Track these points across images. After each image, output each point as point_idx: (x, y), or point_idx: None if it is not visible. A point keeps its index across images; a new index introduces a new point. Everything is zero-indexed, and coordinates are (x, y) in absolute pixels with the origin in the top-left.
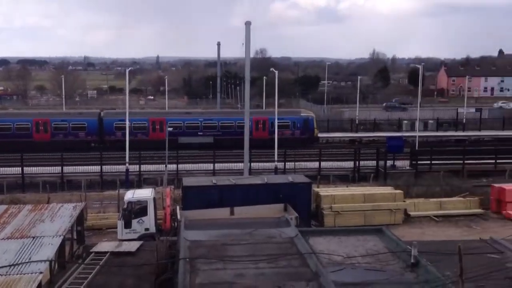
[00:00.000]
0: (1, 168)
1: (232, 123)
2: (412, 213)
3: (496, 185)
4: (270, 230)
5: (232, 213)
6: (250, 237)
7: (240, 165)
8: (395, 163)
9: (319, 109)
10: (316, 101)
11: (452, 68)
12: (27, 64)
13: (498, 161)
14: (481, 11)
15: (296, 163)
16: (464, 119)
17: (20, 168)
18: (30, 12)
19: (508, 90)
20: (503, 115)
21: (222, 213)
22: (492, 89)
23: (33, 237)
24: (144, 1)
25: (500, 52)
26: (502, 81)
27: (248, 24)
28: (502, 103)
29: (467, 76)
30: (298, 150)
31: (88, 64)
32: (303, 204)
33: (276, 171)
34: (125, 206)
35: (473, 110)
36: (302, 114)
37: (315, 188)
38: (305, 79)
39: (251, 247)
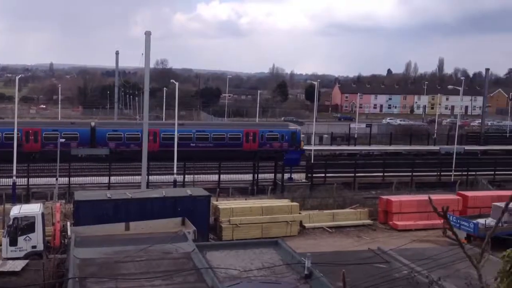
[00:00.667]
0: None
1: (224, 134)
2: (307, 225)
3: (384, 197)
4: (166, 246)
5: (127, 228)
6: (145, 253)
7: (137, 178)
8: (292, 176)
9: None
10: (217, 114)
11: (346, 85)
12: None
13: (385, 174)
14: (372, 33)
15: (196, 176)
16: (356, 134)
17: None
18: None
19: (396, 107)
20: (390, 130)
21: (116, 228)
22: (381, 106)
23: None
24: (36, 6)
25: (389, 71)
26: (390, 98)
27: (148, 34)
28: (390, 119)
29: (358, 93)
30: (197, 163)
31: None
32: (202, 218)
33: (175, 184)
34: (11, 222)
35: (364, 125)
36: (290, 127)
37: (214, 201)
38: (206, 92)
39: (145, 264)
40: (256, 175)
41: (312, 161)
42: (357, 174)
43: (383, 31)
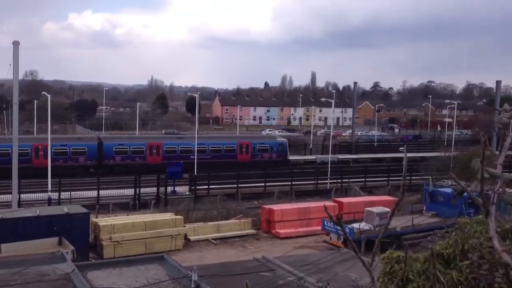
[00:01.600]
0: None
1: (221, 147)
2: (192, 238)
3: (266, 206)
4: (43, 267)
5: None
6: (19, 277)
7: (8, 197)
8: (175, 189)
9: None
10: (94, 127)
11: (225, 97)
12: None
13: (266, 184)
14: (248, 46)
15: (73, 193)
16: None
17: None
18: None
19: (274, 119)
20: None
21: None
22: (260, 118)
23: None
24: None
25: (266, 84)
26: (268, 110)
27: (16, 43)
28: (269, 130)
29: (238, 106)
30: (73, 179)
31: None
32: (80, 236)
33: (49, 202)
34: None
35: None
36: (278, 139)
37: (93, 219)
38: (81, 104)
39: None
40: (137, 189)
41: (195, 173)
42: (239, 185)
43: (258, 45)
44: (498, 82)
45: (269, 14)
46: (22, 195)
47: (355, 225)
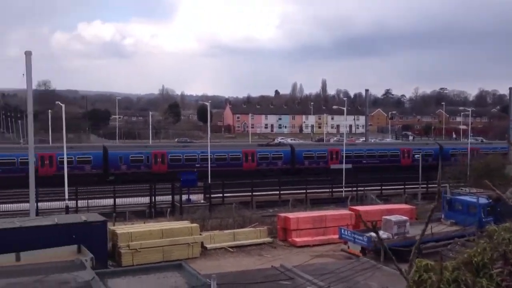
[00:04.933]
0: None
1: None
2: (208, 246)
3: (282, 214)
4: (63, 275)
5: (18, 259)
6: (40, 284)
7: (25, 205)
8: (190, 197)
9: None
10: (108, 136)
11: (236, 106)
12: None
13: (281, 192)
14: (255, 54)
15: (89, 201)
16: None
17: None
18: None
19: (285, 127)
20: None
21: (6, 259)
22: (272, 125)
23: None
24: None
25: (276, 92)
26: (280, 118)
27: (28, 54)
28: (281, 138)
29: (250, 114)
30: (90, 188)
31: None
32: (99, 244)
33: (67, 210)
34: None
35: None
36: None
37: (111, 227)
38: (94, 113)
39: None
40: (153, 197)
41: (209, 181)
42: (254, 193)
43: (267, 53)
44: (511, 89)
45: (275, 22)
46: (39, 204)
47: (373, 234)
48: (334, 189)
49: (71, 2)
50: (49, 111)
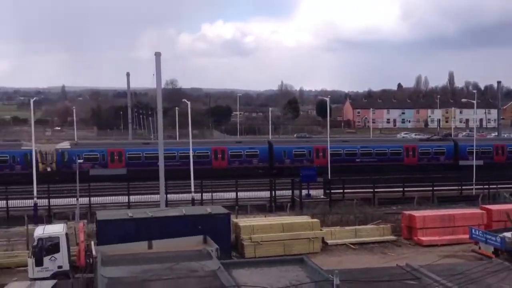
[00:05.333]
0: None
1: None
2: (329, 241)
3: (406, 212)
4: (192, 264)
5: (150, 247)
6: (171, 271)
7: (155, 197)
8: (309, 192)
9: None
10: (229, 132)
11: (356, 100)
12: None
13: (405, 189)
14: (376, 47)
15: (214, 194)
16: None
17: None
18: None
19: (409, 121)
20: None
21: (139, 247)
22: (394, 120)
23: None
24: (45, 30)
25: (399, 85)
26: (403, 113)
27: (158, 55)
28: (405, 133)
29: (371, 109)
30: (214, 181)
31: None
32: (223, 236)
33: (193, 202)
34: (35, 243)
35: None
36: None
37: (233, 219)
38: (217, 110)
39: (173, 282)
40: (273, 192)
41: (329, 177)
42: (376, 190)
43: (388, 46)
44: None
45: (397, 12)
46: (168, 195)
47: (507, 234)
48: (463, 187)
49: (195, 5)
50: (176, 108)
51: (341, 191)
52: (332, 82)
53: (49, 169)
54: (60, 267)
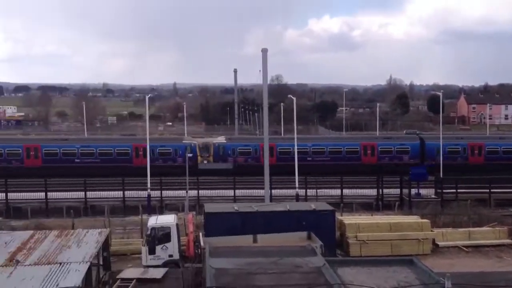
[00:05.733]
0: (25, 193)
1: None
2: (440, 243)
3: None
4: (296, 259)
5: (255, 240)
6: (275, 266)
7: (260, 192)
8: (419, 192)
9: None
10: (335, 128)
11: (472, 95)
12: (48, 90)
13: None
14: (493, 39)
15: (318, 190)
16: None
17: (44, 193)
18: (48, 40)
19: None
20: None
21: (245, 240)
22: None
23: (60, 263)
24: (158, 30)
25: None
26: None
27: (264, 51)
28: None
29: (488, 104)
30: (318, 178)
31: (107, 90)
32: (327, 233)
33: (297, 198)
34: (149, 232)
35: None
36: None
37: (338, 216)
38: (322, 106)
39: (277, 277)
40: (380, 190)
41: (441, 176)
42: (492, 190)
43: (507, 36)
44: None
45: None
46: (272, 191)
47: None
48: None
49: (303, 1)
50: (282, 103)
51: (454, 190)
52: (444, 76)
53: (205, 162)
54: (171, 256)
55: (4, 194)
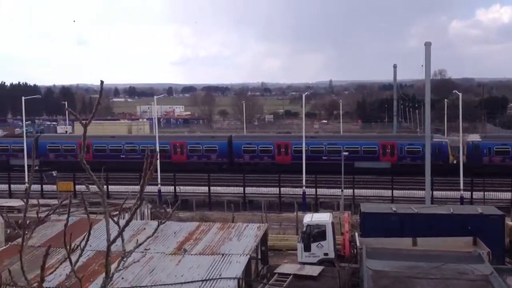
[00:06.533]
0: (192, 187)
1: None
2: None
3: None
4: (460, 266)
5: (414, 244)
6: (438, 271)
7: (420, 193)
8: None
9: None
10: (504, 125)
11: None
12: (211, 91)
13: None
14: None
15: (486, 193)
16: None
17: (207, 188)
18: (213, 43)
19: None
20: None
21: (403, 243)
22: None
23: (223, 254)
24: (314, 29)
25: None
26: None
27: (428, 45)
28: None
29: None
30: (487, 179)
31: (264, 89)
32: (495, 239)
33: (462, 201)
34: (304, 229)
35: None
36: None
37: (508, 222)
38: (490, 101)
39: (440, 283)
40: None
41: None
42: None
43: None
44: None
45: None
46: (434, 192)
47: None
48: None
49: None
50: (445, 100)
51: None
52: None
53: (455, 162)
54: (326, 254)
55: (172, 187)
